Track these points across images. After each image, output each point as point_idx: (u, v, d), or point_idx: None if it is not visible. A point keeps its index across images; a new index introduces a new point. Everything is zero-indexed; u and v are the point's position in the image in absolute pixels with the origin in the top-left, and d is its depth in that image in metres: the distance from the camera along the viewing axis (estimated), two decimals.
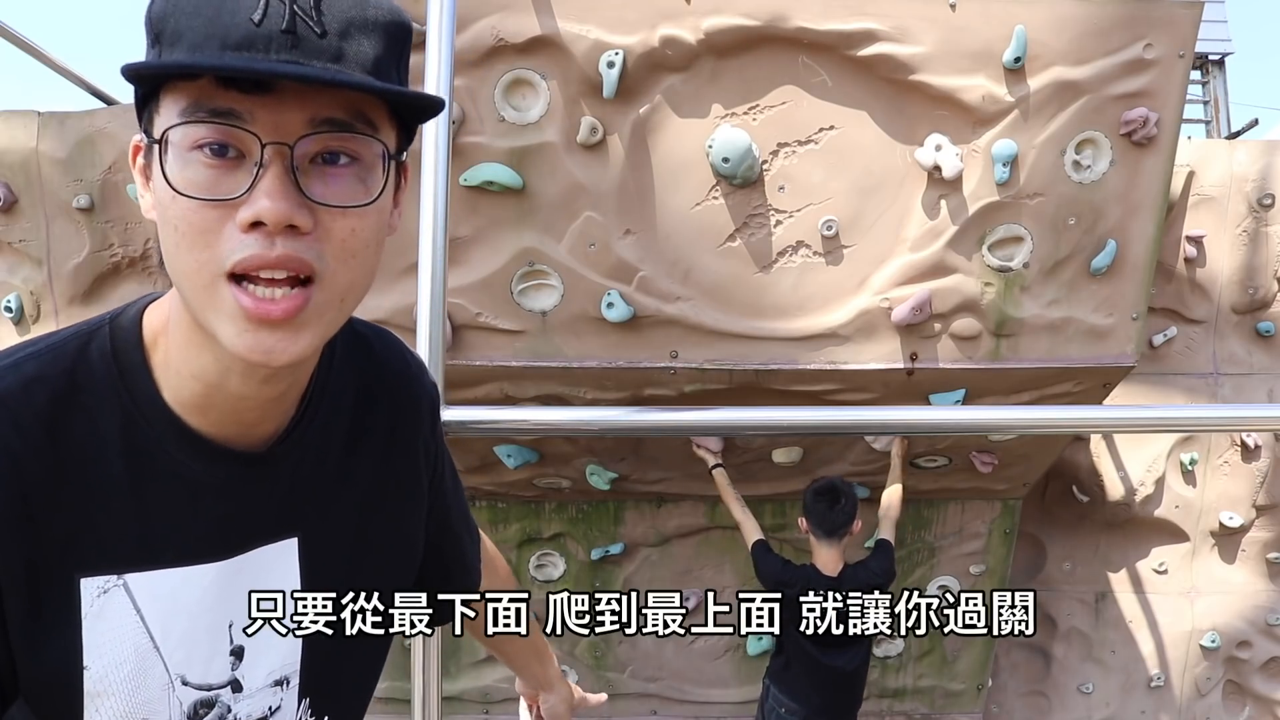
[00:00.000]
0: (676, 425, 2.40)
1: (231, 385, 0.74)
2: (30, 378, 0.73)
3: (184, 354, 0.75)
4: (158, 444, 0.76)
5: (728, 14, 2.53)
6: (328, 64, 0.65)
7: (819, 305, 2.75)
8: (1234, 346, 3.89)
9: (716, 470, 3.18)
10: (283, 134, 0.65)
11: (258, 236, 0.65)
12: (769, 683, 3.21)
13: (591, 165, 2.63)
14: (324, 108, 0.66)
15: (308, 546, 0.85)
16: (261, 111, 0.64)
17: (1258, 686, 4.08)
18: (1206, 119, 8.99)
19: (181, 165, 0.65)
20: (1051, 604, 4.05)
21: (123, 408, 0.75)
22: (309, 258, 0.66)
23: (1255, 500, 3.92)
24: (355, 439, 0.89)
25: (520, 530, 3.58)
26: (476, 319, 2.72)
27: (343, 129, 0.67)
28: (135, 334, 0.77)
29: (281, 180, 0.65)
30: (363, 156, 0.69)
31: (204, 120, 0.64)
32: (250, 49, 0.63)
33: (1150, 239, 2.75)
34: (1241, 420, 2.55)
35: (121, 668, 0.77)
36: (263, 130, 0.64)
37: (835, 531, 3.04)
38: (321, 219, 0.67)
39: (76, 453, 0.74)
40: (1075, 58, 2.58)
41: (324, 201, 0.67)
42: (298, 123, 0.65)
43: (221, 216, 0.65)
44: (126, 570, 0.76)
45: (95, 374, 0.75)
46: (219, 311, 0.67)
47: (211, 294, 0.67)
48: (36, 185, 3.50)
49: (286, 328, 0.67)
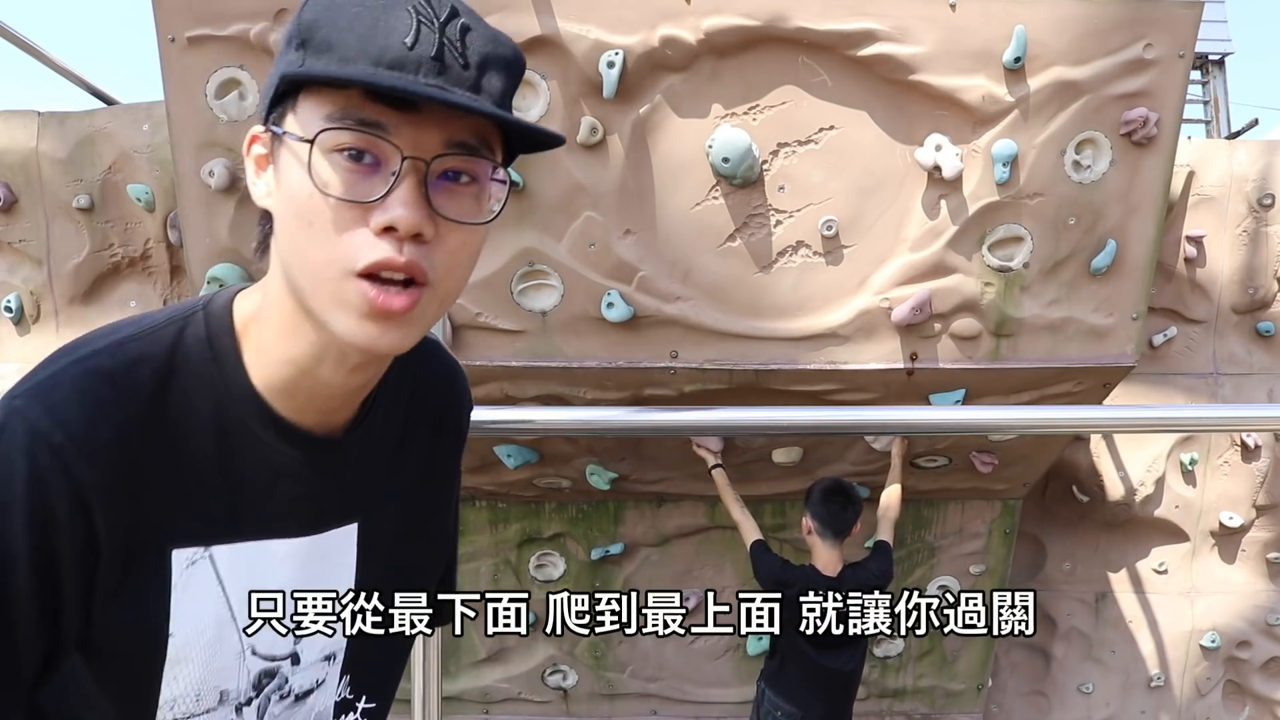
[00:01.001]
0: (676, 425, 2.40)
1: (323, 372, 0.80)
2: (135, 358, 0.78)
3: (278, 340, 0.80)
4: (244, 425, 0.81)
5: (728, 14, 2.53)
6: (467, 92, 0.72)
7: (819, 305, 2.75)
8: (1234, 346, 3.89)
9: (716, 470, 3.18)
10: (421, 150, 0.71)
11: (389, 240, 0.71)
12: (764, 686, 3.20)
13: (591, 165, 2.63)
14: (458, 131, 0.73)
15: (365, 534, 0.91)
16: (405, 127, 0.70)
17: (1258, 686, 4.08)
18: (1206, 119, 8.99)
19: (322, 165, 0.71)
20: (1051, 604, 4.05)
21: (214, 390, 0.80)
22: (426, 265, 0.72)
23: (1255, 500, 3.92)
24: (406, 434, 0.94)
25: (520, 530, 3.58)
26: (476, 319, 2.72)
27: (471, 152, 0.74)
28: (227, 321, 0.82)
29: (416, 192, 0.71)
30: (480, 178, 0.75)
31: (351, 128, 0.70)
32: (402, 69, 0.69)
33: (1150, 239, 2.75)
34: (1241, 420, 2.54)
35: (202, 635, 0.82)
36: (404, 144, 0.70)
37: (844, 531, 3.04)
38: (440, 230, 0.73)
39: (174, 430, 0.78)
40: (1075, 58, 2.58)
41: (447, 215, 0.73)
42: (435, 141, 0.72)
43: (356, 217, 0.71)
44: (213, 543, 0.81)
45: (191, 357, 0.80)
46: (342, 303, 0.72)
47: (337, 286, 0.72)
48: (36, 185, 3.50)
49: (399, 321, 0.73)
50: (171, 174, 2.97)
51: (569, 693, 3.79)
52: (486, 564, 3.61)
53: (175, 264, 3.51)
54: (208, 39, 2.52)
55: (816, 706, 3.10)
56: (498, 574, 3.63)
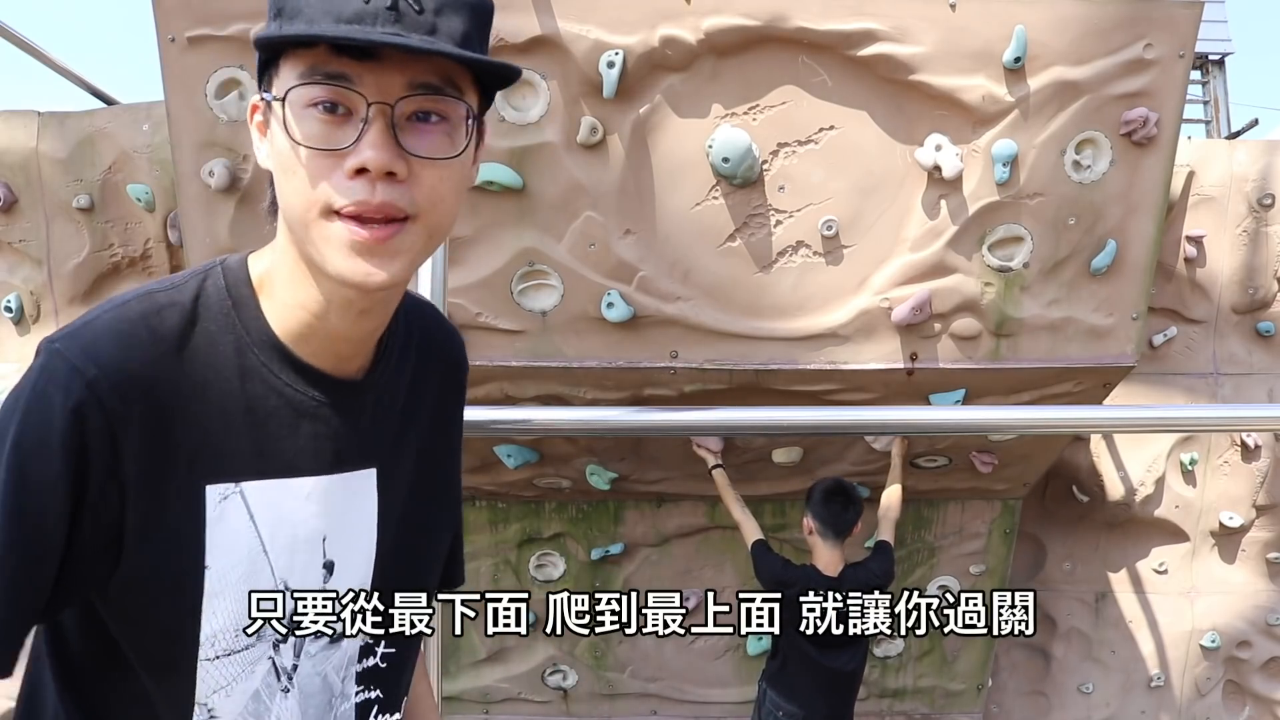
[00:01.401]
0: (676, 425, 2.40)
1: (332, 318, 0.85)
2: (163, 304, 0.84)
3: (290, 288, 0.86)
4: (266, 367, 0.87)
5: (728, 14, 2.53)
6: (424, 36, 0.76)
7: (819, 305, 2.75)
8: (1234, 346, 3.89)
9: (716, 470, 3.18)
10: (385, 95, 0.77)
11: (362, 182, 0.77)
12: (765, 686, 3.20)
13: (591, 165, 2.63)
14: (420, 74, 0.78)
15: (383, 479, 0.95)
16: (368, 76, 0.76)
17: (1258, 686, 4.08)
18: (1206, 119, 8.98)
19: (299, 120, 0.77)
20: (1051, 604, 4.05)
21: (236, 335, 0.86)
22: (403, 203, 0.78)
23: (1255, 500, 3.92)
24: (415, 384, 0.99)
25: (520, 530, 3.58)
26: (476, 319, 2.72)
27: (435, 92, 0.78)
28: (244, 274, 0.88)
29: (383, 134, 0.76)
30: (450, 116, 0.80)
31: (319, 82, 0.76)
32: (360, 22, 0.75)
33: (1150, 239, 2.75)
34: (1241, 420, 2.55)
35: (236, 568, 0.86)
36: (369, 91, 0.76)
37: (845, 531, 3.04)
38: (414, 168, 0.78)
39: (202, 372, 0.84)
40: (1075, 58, 2.58)
41: (417, 153, 0.78)
42: (398, 85, 0.77)
43: (333, 164, 0.77)
44: (243, 479, 0.86)
45: (212, 305, 0.86)
46: (327, 240, 0.78)
47: (321, 226, 0.78)
48: (36, 185, 3.50)
49: (382, 253, 0.79)
50: (171, 174, 2.97)
51: (569, 693, 3.79)
52: (486, 564, 3.61)
53: (175, 264, 3.50)
54: (208, 39, 2.52)
55: (818, 706, 3.10)
56: (498, 574, 3.63)
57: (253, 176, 2.62)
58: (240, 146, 2.61)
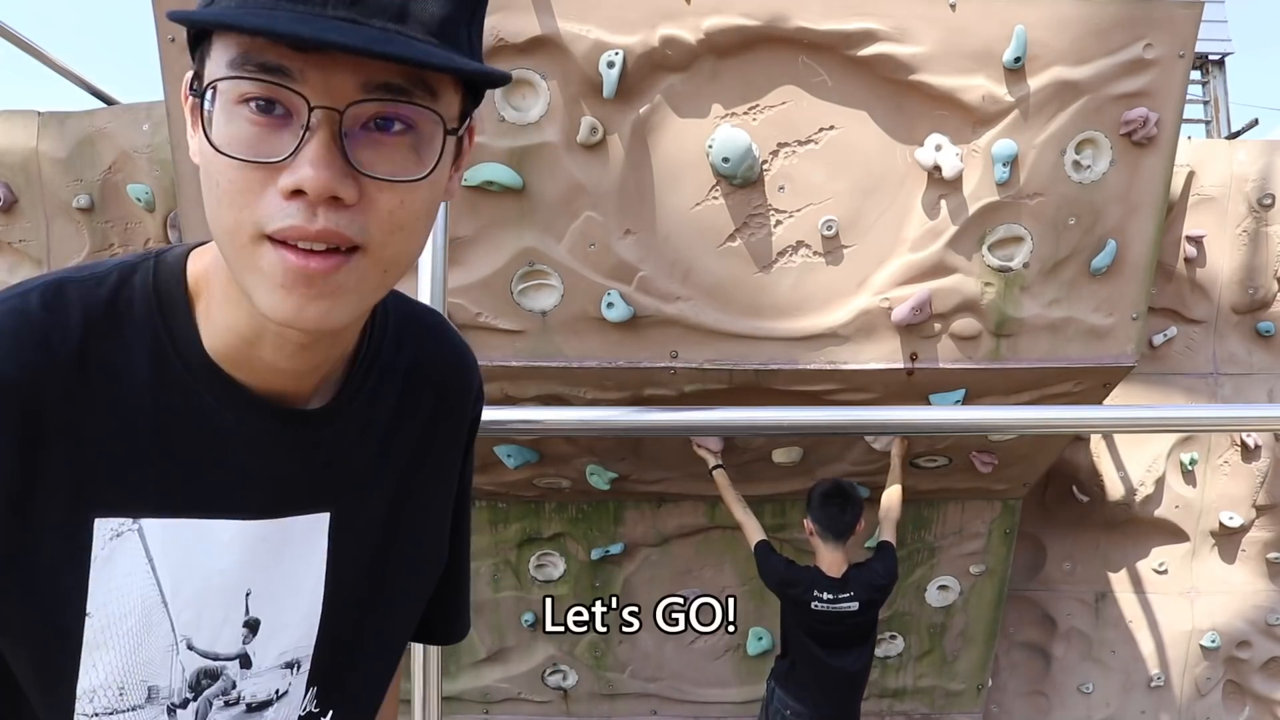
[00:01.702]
0: (676, 425, 2.40)
1: (264, 351, 0.71)
2: (68, 301, 0.70)
3: (222, 306, 0.71)
4: (190, 386, 0.72)
5: (728, 14, 2.53)
6: (388, 23, 0.59)
7: (819, 305, 2.75)
8: (1234, 346, 3.89)
9: (717, 471, 3.18)
10: (332, 98, 0.59)
11: (300, 205, 0.60)
12: (773, 685, 3.21)
13: (591, 165, 2.63)
14: (380, 71, 0.60)
15: (339, 526, 0.80)
16: (313, 71, 0.59)
17: (1258, 686, 4.08)
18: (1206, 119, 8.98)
19: (226, 119, 0.61)
20: (1051, 604, 4.05)
21: (158, 344, 0.71)
22: (350, 232, 0.61)
23: (1255, 500, 3.92)
24: (399, 416, 0.83)
25: (520, 530, 3.58)
26: (476, 319, 2.72)
27: (399, 95, 0.61)
28: (179, 273, 0.73)
29: (327, 148, 0.59)
30: (419, 124, 0.63)
31: (251, 76, 0.59)
32: (306, 1, 0.58)
33: (1150, 239, 2.75)
34: (1241, 420, 2.54)
35: (125, 620, 0.72)
36: (312, 92, 0.59)
37: (845, 533, 3.04)
38: (368, 190, 0.61)
39: (105, 383, 0.70)
40: (1075, 58, 2.58)
41: (371, 173, 0.61)
42: (350, 86, 0.60)
43: (264, 178, 0.60)
44: (143, 515, 0.71)
45: (135, 306, 0.72)
46: (256, 271, 0.63)
47: (249, 253, 0.62)
48: (36, 185, 3.50)
49: (322, 288, 0.62)
50: (171, 174, 2.97)
51: (569, 693, 3.79)
52: (486, 564, 3.61)
53: None
54: None
55: (825, 706, 3.10)
56: (498, 574, 3.63)
57: None
58: None
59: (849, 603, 3.00)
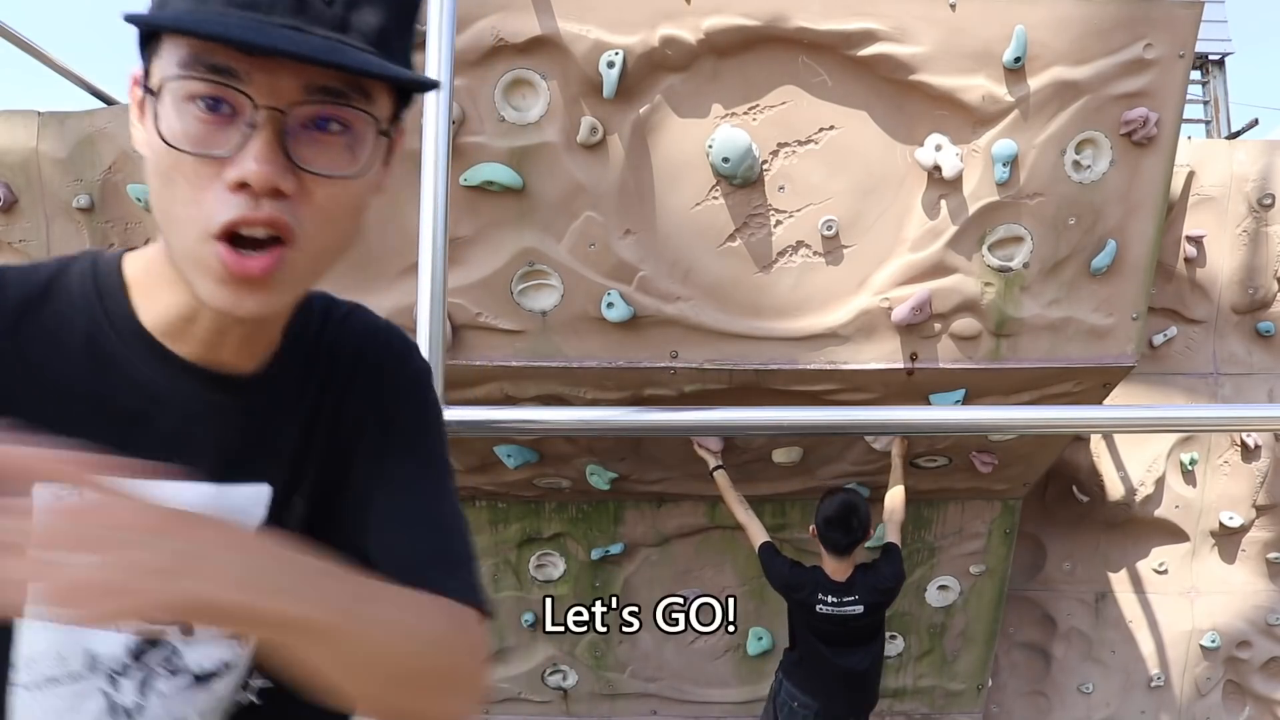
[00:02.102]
0: (676, 425, 2.40)
1: (201, 328, 0.76)
2: (7, 283, 0.75)
3: (160, 289, 0.76)
4: (125, 355, 0.76)
5: (728, 14, 2.53)
6: (330, 33, 0.66)
7: (819, 305, 2.75)
8: (1234, 346, 3.89)
9: (718, 472, 3.18)
10: (277, 98, 0.65)
11: (244, 197, 0.66)
12: (782, 676, 3.22)
13: (591, 165, 2.63)
14: (320, 76, 0.66)
15: (278, 501, 0.81)
16: (258, 74, 0.65)
17: (1258, 686, 4.08)
18: (1206, 119, 8.98)
19: (176, 116, 0.66)
20: (1051, 604, 4.05)
21: (93, 320, 0.76)
22: (289, 220, 0.67)
23: (1255, 500, 3.92)
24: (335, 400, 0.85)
25: (520, 530, 3.58)
26: (476, 319, 2.72)
27: (337, 98, 0.68)
28: (117, 265, 0.79)
29: (271, 145, 0.65)
30: (354, 125, 0.69)
31: (201, 77, 0.65)
32: (255, 9, 0.64)
33: (1150, 239, 2.75)
34: (1241, 420, 2.54)
35: None
36: (257, 93, 0.65)
37: (847, 554, 3.04)
38: (306, 184, 0.68)
39: (43, 354, 0.74)
40: (1075, 58, 2.58)
41: (310, 169, 0.67)
42: (292, 89, 0.66)
43: (212, 172, 0.66)
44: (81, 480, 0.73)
45: (71, 287, 0.77)
46: (201, 265, 0.68)
47: (197, 249, 0.68)
48: (36, 185, 3.50)
49: (260, 284, 0.68)
50: None
51: (569, 693, 3.79)
52: (486, 564, 3.61)
53: None
54: None
55: (832, 702, 3.11)
56: (498, 574, 3.63)
57: None
58: None
59: (853, 606, 3.00)
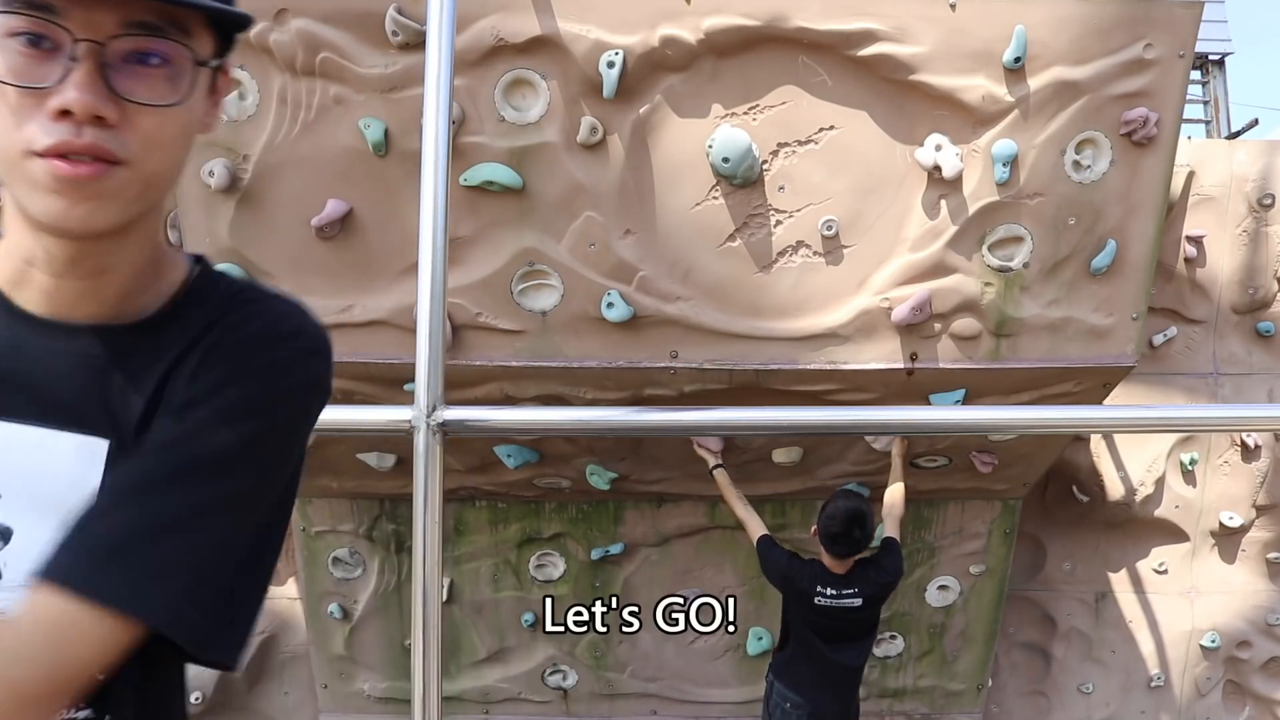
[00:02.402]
0: (676, 425, 2.40)
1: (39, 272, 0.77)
2: None
3: (8, 232, 0.78)
4: None
5: (728, 14, 2.53)
6: None
7: (819, 305, 2.75)
8: (1234, 346, 3.89)
9: (718, 471, 3.17)
10: (94, 31, 0.69)
11: (67, 124, 0.69)
12: (772, 678, 3.21)
13: (591, 165, 2.63)
14: (137, 10, 0.69)
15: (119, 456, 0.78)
16: (76, 10, 0.68)
17: (1258, 686, 4.08)
18: (1206, 119, 8.97)
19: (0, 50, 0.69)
20: (1051, 604, 4.05)
21: None
22: (112, 146, 0.70)
23: (1255, 500, 3.92)
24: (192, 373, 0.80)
25: (520, 530, 3.58)
26: (476, 319, 2.72)
27: (154, 32, 0.71)
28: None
29: (91, 75, 0.69)
30: (174, 59, 0.73)
31: (19, 11, 0.68)
32: None
33: (1150, 239, 2.75)
34: (1241, 420, 2.55)
35: None
36: (76, 26, 0.68)
37: (848, 558, 3.02)
38: (128, 113, 0.71)
39: None
40: (1075, 58, 2.58)
41: (131, 98, 0.71)
42: (110, 23, 0.69)
43: (35, 103, 0.69)
44: None
45: None
46: (29, 181, 0.70)
47: (22, 167, 0.70)
48: None
49: (87, 192, 0.70)
50: None
51: (569, 693, 3.79)
52: (486, 564, 3.61)
53: None
54: None
55: (824, 700, 3.10)
56: (498, 574, 3.63)
57: (253, 176, 2.63)
58: (240, 146, 2.61)
59: (852, 598, 2.99)
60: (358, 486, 3.40)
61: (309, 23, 2.51)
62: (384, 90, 2.55)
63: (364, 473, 3.29)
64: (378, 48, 2.54)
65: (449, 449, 2.10)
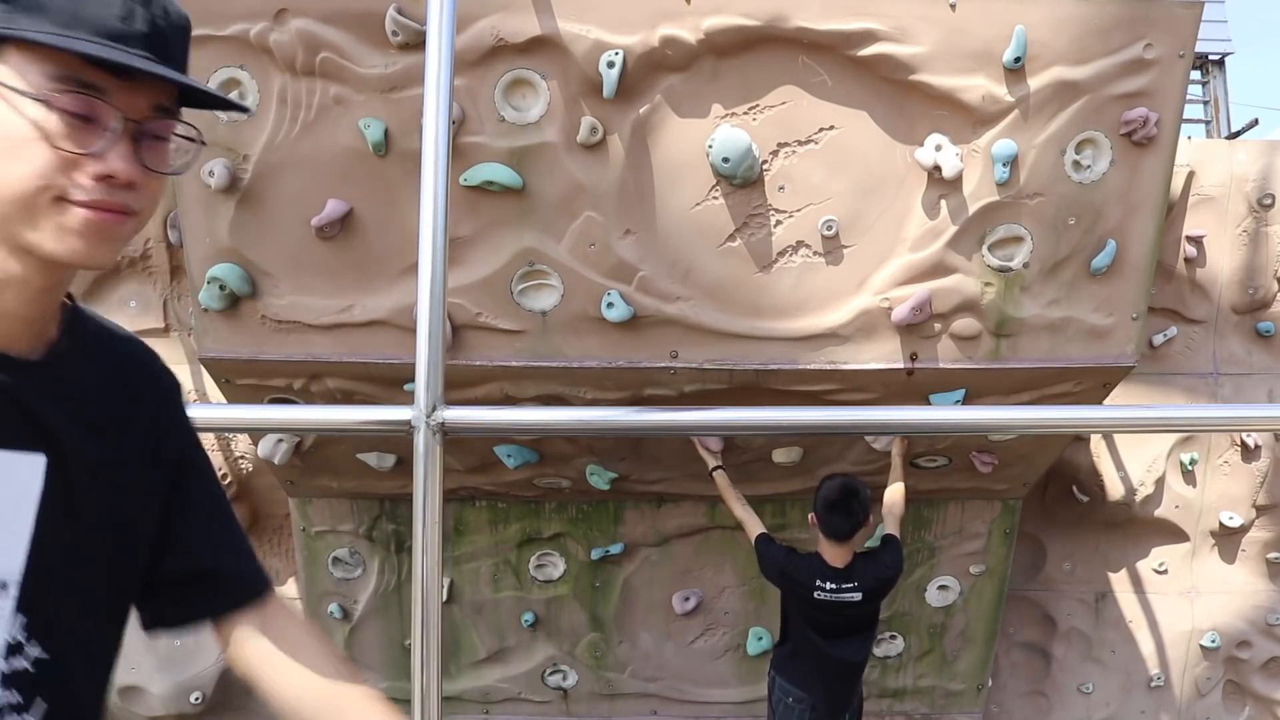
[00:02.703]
0: (676, 425, 2.40)
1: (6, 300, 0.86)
2: None
3: None
4: None
5: (728, 14, 2.53)
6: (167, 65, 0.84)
7: (819, 305, 2.75)
8: (1234, 346, 3.89)
9: (717, 472, 3.17)
10: (135, 112, 0.84)
11: (104, 186, 0.83)
12: (774, 673, 3.21)
13: (591, 165, 2.63)
14: (162, 96, 0.86)
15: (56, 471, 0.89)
16: (120, 92, 0.82)
17: (1258, 686, 4.08)
18: (1206, 119, 8.98)
19: (44, 115, 0.80)
20: (1051, 604, 4.05)
21: None
22: (131, 202, 0.85)
23: (1255, 500, 3.92)
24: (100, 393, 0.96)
25: (520, 530, 3.58)
26: (476, 319, 2.72)
27: (169, 114, 0.88)
28: None
29: (130, 148, 0.84)
30: (166, 133, 0.89)
31: (76, 90, 0.80)
32: (123, 41, 0.81)
33: (1150, 239, 2.75)
34: (1241, 420, 2.55)
35: None
36: (121, 106, 0.83)
37: (846, 539, 3.02)
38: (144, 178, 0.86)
39: None
40: (1075, 58, 2.58)
41: (152, 168, 0.86)
42: (145, 105, 0.85)
43: (76, 161, 0.81)
44: None
45: None
46: (52, 222, 0.82)
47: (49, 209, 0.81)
48: None
49: (111, 236, 0.85)
50: None
51: (569, 693, 3.79)
52: (486, 564, 3.61)
53: (175, 264, 3.50)
54: (208, 39, 2.52)
55: (826, 694, 3.11)
56: (498, 574, 3.63)
57: (253, 176, 2.62)
58: (240, 146, 2.61)
59: (852, 593, 2.99)
60: (358, 486, 3.40)
61: (309, 23, 2.51)
62: (384, 90, 2.55)
63: (364, 473, 3.29)
64: (378, 48, 2.54)
65: (449, 449, 2.10)
